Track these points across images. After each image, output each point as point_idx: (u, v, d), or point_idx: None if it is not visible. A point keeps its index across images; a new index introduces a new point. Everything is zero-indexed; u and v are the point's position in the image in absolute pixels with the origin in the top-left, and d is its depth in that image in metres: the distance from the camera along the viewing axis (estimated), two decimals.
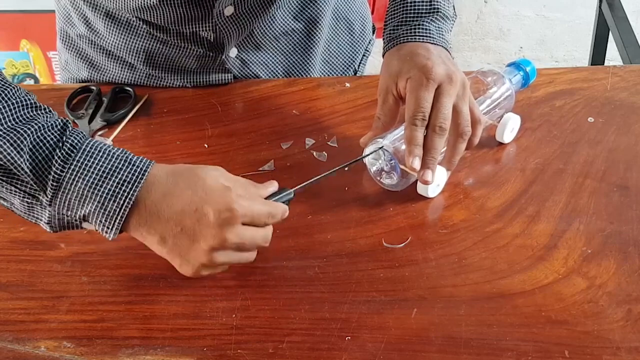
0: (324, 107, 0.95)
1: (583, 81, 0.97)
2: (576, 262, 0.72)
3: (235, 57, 0.98)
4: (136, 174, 0.66)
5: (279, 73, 1.03)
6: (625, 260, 0.72)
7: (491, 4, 2.34)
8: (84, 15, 0.99)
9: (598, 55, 1.92)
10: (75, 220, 0.67)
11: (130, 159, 0.67)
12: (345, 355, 0.65)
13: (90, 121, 0.93)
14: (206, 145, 0.89)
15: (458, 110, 0.78)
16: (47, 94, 0.99)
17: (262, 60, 1.01)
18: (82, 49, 1.03)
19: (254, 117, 0.94)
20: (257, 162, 0.86)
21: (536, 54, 2.43)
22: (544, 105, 0.93)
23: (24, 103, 0.68)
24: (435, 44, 0.82)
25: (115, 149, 0.68)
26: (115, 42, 0.98)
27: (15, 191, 0.67)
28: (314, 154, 0.87)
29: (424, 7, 0.84)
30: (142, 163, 0.67)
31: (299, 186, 0.74)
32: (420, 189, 0.80)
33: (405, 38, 0.83)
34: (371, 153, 0.80)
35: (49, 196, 0.66)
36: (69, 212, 0.66)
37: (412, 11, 0.85)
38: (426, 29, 0.83)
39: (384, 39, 0.87)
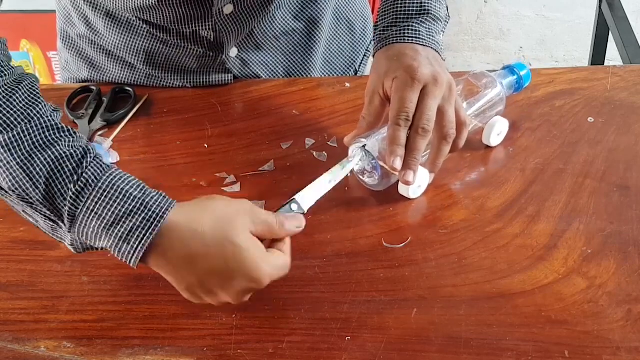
0: (324, 107, 0.95)
1: (583, 81, 0.97)
2: (576, 262, 0.72)
3: (236, 57, 0.98)
4: (150, 219, 0.63)
5: (279, 73, 1.03)
6: (625, 260, 0.72)
7: (491, 4, 2.34)
8: (85, 15, 0.99)
9: (598, 55, 1.92)
10: (97, 248, 0.66)
11: (147, 202, 0.63)
12: (345, 355, 0.65)
13: (90, 121, 0.93)
14: (206, 145, 0.89)
15: (443, 112, 0.78)
16: (47, 94, 0.98)
17: (262, 60, 1.01)
18: (83, 49, 1.03)
19: (254, 117, 0.94)
20: (257, 162, 0.86)
21: (536, 54, 2.43)
22: (544, 105, 0.93)
23: (46, 125, 0.65)
24: (424, 45, 0.82)
25: (134, 187, 0.64)
26: (116, 42, 0.98)
27: (38, 214, 0.66)
28: (314, 154, 0.87)
29: (415, 9, 0.84)
30: (158, 208, 0.63)
31: (311, 204, 0.74)
32: (402, 189, 0.80)
33: (395, 39, 0.83)
34: (356, 157, 0.80)
35: (67, 226, 0.64)
36: (88, 241, 0.65)
37: (402, 12, 0.84)
38: (416, 30, 0.83)
39: (374, 40, 0.87)
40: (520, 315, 0.68)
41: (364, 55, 1.13)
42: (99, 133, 0.92)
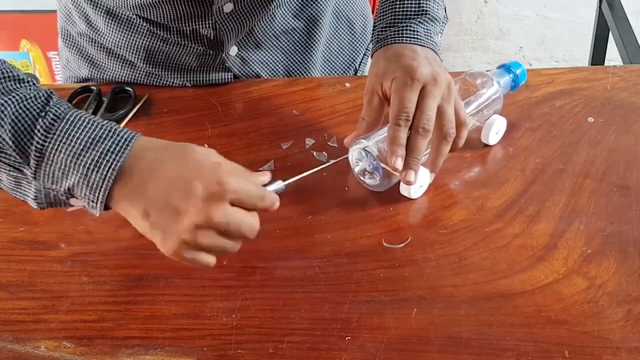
0: (324, 107, 0.95)
1: (583, 81, 0.97)
2: (576, 262, 0.72)
3: (236, 55, 0.98)
4: (120, 143, 0.64)
5: (279, 72, 1.03)
6: (625, 260, 0.72)
7: (491, 4, 2.34)
8: (85, 13, 0.99)
9: (598, 55, 1.92)
10: (62, 195, 0.66)
11: (115, 129, 0.65)
12: (345, 355, 0.65)
13: None
14: (206, 145, 0.89)
15: (442, 112, 0.78)
16: None
17: (262, 58, 1.01)
18: (83, 47, 1.03)
19: (254, 117, 0.94)
20: (257, 162, 0.86)
21: (536, 54, 2.43)
22: (544, 105, 0.93)
23: (6, 75, 0.67)
24: (422, 45, 0.82)
25: (101, 120, 0.66)
26: (116, 40, 0.98)
27: (1, 165, 0.65)
28: (314, 154, 0.87)
29: (413, 9, 0.84)
30: (126, 134, 0.65)
31: (291, 180, 0.73)
32: (403, 189, 0.80)
33: (393, 39, 0.83)
34: (357, 155, 0.80)
35: (33, 168, 0.64)
36: (54, 186, 0.65)
37: (400, 13, 0.85)
38: (414, 31, 0.83)
39: (372, 40, 0.87)
40: (520, 315, 0.68)
41: (364, 54, 1.13)
42: None
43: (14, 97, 0.65)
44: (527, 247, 0.74)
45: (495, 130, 0.87)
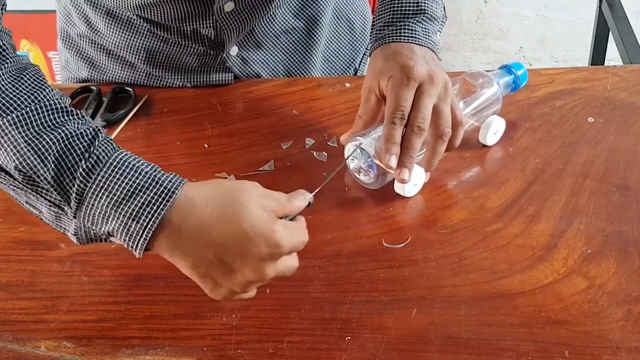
0: (324, 107, 0.95)
1: (583, 81, 0.97)
2: (576, 262, 0.72)
3: (236, 55, 0.98)
4: (162, 195, 0.61)
5: (279, 72, 1.03)
6: (625, 260, 0.72)
7: (491, 4, 2.34)
8: (85, 14, 0.99)
9: (598, 55, 1.92)
10: (102, 235, 0.64)
11: (159, 178, 0.62)
12: (345, 355, 0.65)
13: None
14: (206, 145, 0.89)
15: (438, 111, 0.78)
16: None
17: (262, 58, 1.01)
18: (83, 48, 1.03)
19: (254, 117, 0.94)
20: (257, 162, 0.86)
21: (536, 54, 2.43)
22: (544, 105, 0.93)
23: (55, 107, 0.64)
24: (420, 44, 0.82)
25: (145, 164, 0.63)
26: (116, 41, 0.98)
27: (42, 200, 0.64)
28: (314, 154, 0.87)
29: (411, 8, 0.84)
30: (170, 183, 0.62)
31: (317, 190, 0.71)
32: (397, 187, 0.80)
33: (391, 38, 0.83)
34: (353, 153, 0.80)
35: (73, 209, 0.62)
36: (94, 227, 0.63)
37: (398, 12, 0.85)
38: (412, 30, 0.83)
39: (370, 39, 0.87)
40: (520, 315, 0.68)
41: (364, 54, 1.13)
42: None
43: (59, 133, 0.63)
44: (527, 247, 0.74)
45: (494, 130, 0.87)
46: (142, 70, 1.00)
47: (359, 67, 1.12)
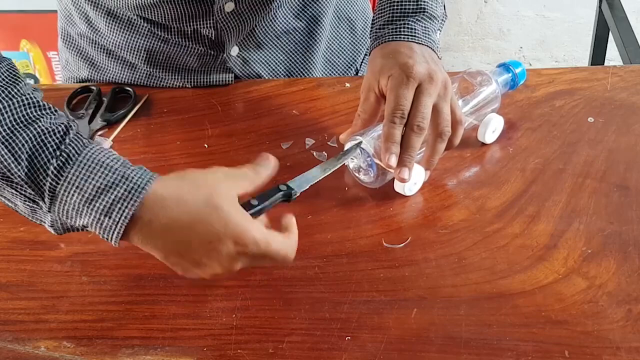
0: (324, 107, 0.95)
1: (583, 81, 0.97)
2: (576, 262, 0.72)
3: (237, 55, 0.98)
4: (133, 191, 0.62)
5: (280, 72, 1.03)
6: (625, 260, 0.72)
7: (491, 4, 2.34)
8: (86, 14, 0.99)
9: (598, 55, 1.92)
10: (77, 227, 0.66)
11: (128, 174, 0.63)
12: (345, 355, 0.65)
13: (90, 121, 0.93)
14: (206, 145, 0.89)
15: (438, 110, 0.78)
16: (47, 94, 0.99)
17: (263, 59, 1.01)
18: (83, 48, 1.03)
19: (254, 117, 0.94)
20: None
21: (536, 54, 2.43)
22: (544, 105, 0.93)
23: (28, 102, 0.66)
24: (420, 43, 0.82)
25: (115, 160, 0.64)
26: (117, 41, 0.98)
27: (17, 195, 0.65)
28: (314, 154, 0.87)
29: (411, 7, 0.85)
30: (140, 179, 0.63)
31: (301, 189, 0.72)
32: (397, 186, 0.80)
33: (390, 37, 0.83)
34: (352, 151, 0.80)
35: (47, 204, 0.64)
36: (69, 220, 0.65)
37: (398, 11, 0.85)
38: (412, 29, 0.83)
39: (370, 38, 0.87)
40: (520, 315, 0.68)
41: (365, 54, 1.13)
42: (99, 133, 0.92)
43: (32, 130, 0.64)
44: (527, 247, 0.74)
45: (492, 128, 0.87)
46: (143, 71, 1.00)
47: (360, 67, 1.12)
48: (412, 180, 0.78)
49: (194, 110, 0.95)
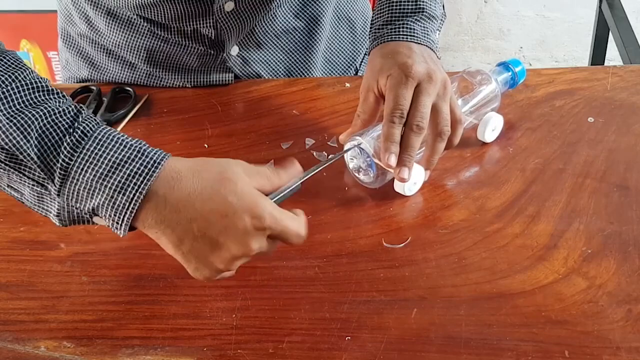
0: (324, 107, 0.95)
1: (583, 81, 0.97)
2: (576, 262, 0.72)
3: (237, 55, 0.98)
4: (149, 166, 0.61)
5: (280, 72, 1.03)
6: (625, 260, 0.72)
7: (491, 4, 2.34)
8: (85, 14, 0.99)
9: (598, 55, 1.92)
10: (85, 214, 0.63)
11: (144, 149, 0.63)
12: (345, 355, 0.65)
13: None
14: (206, 145, 0.89)
15: (437, 110, 0.78)
16: None
17: (263, 58, 1.01)
18: (83, 48, 1.03)
19: (254, 117, 0.94)
20: (257, 162, 0.85)
21: (536, 54, 2.43)
22: (544, 105, 0.93)
23: (35, 85, 0.64)
24: (419, 43, 0.82)
25: (131, 138, 0.63)
26: (116, 41, 0.98)
27: (25, 179, 0.63)
28: (314, 154, 0.87)
29: (410, 7, 0.85)
30: (156, 155, 0.62)
31: (304, 177, 0.71)
32: (397, 186, 0.80)
33: (390, 37, 0.83)
34: (350, 149, 0.80)
35: (57, 186, 0.62)
36: (78, 205, 0.63)
37: (397, 11, 0.85)
38: (411, 29, 0.83)
39: (369, 38, 0.87)
40: (520, 315, 0.68)
41: (365, 54, 1.13)
42: None
43: (42, 110, 0.63)
44: (527, 247, 0.74)
45: (492, 127, 0.87)
46: (143, 70, 1.00)
47: (360, 67, 1.12)
48: (412, 180, 0.78)
49: (194, 110, 0.95)
